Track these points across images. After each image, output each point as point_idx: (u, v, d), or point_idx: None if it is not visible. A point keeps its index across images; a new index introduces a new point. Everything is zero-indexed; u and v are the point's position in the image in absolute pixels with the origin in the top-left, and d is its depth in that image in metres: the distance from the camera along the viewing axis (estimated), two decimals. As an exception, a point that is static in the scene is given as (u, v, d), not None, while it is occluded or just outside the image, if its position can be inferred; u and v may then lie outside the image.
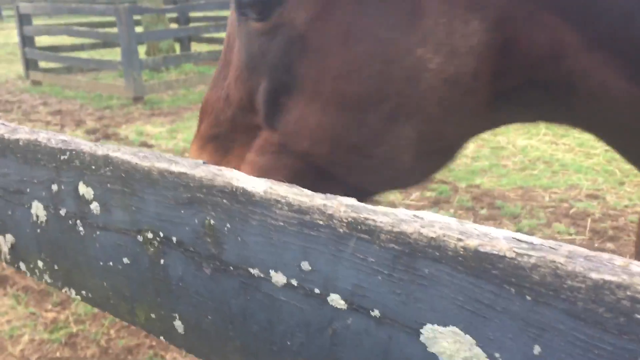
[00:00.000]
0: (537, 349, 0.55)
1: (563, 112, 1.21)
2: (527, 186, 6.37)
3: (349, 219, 0.68)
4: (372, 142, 1.15)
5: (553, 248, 0.55)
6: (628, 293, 0.50)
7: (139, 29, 13.72)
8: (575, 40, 1.06)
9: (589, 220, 5.52)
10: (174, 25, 16.17)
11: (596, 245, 5.06)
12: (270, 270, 0.76)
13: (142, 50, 14.21)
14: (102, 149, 0.96)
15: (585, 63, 1.07)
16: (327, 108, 1.14)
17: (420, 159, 1.19)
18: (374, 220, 0.66)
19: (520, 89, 1.15)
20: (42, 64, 14.22)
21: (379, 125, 1.13)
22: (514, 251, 0.56)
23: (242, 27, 1.23)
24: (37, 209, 1.08)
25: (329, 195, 0.73)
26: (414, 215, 0.65)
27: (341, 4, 1.10)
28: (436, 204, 6.01)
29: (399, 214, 0.66)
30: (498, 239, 0.58)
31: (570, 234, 5.27)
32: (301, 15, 1.12)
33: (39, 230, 1.10)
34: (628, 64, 1.06)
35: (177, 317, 0.91)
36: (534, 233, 5.25)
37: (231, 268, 0.80)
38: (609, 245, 5.06)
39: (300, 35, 1.13)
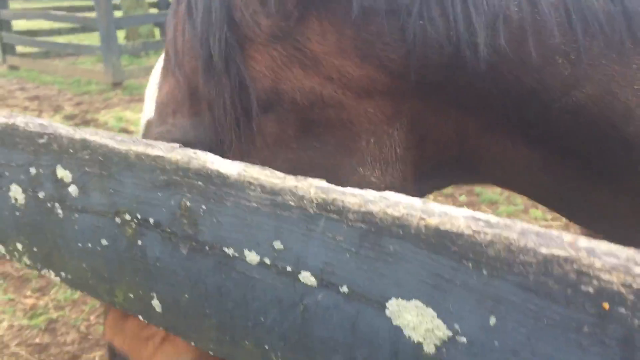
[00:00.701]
0: (492, 320, 0.59)
1: (474, 176, 1.43)
2: (505, 173, 6.45)
3: (319, 200, 0.71)
4: None
5: (508, 225, 0.59)
6: (574, 266, 0.54)
7: (118, 14, 13.54)
8: (476, 125, 1.24)
9: (565, 206, 5.62)
10: (153, 10, 15.98)
11: (572, 230, 5.17)
12: (244, 250, 0.79)
13: (121, 35, 14.04)
14: (80, 133, 0.98)
15: (487, 139, 1.26)
16: None
17: None
18: (342, 200, 0.69)
19: (436, 166, 1.35)
20: (20, 49, 13.98)
21: None
22: (472, 229, 0.59)
23: None
24: (16, 192, 1.09)
25: (299, 177, 0.76)
26: (380, 196, 0.68)
27: (286, 144, 1.24)
28: (416, 190, 6.07)
29: (366, 194, 0.69)
30: (457, 218, 0.61)
31: (547, 220, 5.37)
32: (250, 161, 1.25)
33: (17, 213, 1.11)
34: (525, 135, 1.23)
35: (155, 297, 0.94)
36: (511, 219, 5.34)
37: (207, 248, 0.83)
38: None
39: None
